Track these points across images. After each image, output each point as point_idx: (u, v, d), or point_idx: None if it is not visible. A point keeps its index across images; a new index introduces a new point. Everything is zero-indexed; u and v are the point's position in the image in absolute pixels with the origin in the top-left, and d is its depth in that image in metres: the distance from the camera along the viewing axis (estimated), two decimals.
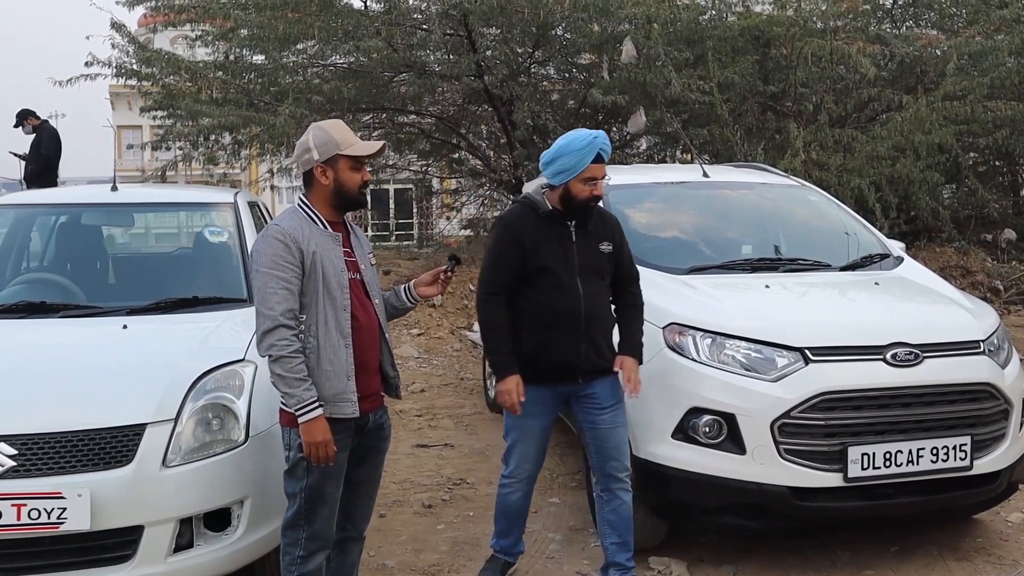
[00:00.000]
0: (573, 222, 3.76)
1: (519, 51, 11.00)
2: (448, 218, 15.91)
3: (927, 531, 4.40)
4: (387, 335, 3.30)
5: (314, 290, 3.04)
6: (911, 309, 4.31)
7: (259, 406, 3.53)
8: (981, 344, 3.97)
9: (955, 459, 3.79)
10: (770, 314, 4.03)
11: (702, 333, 3.94)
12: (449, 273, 3.49)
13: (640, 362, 3.77)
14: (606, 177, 3.80)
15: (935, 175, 10.10)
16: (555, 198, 3.74)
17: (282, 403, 3.07)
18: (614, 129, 12.79)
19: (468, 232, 14.39)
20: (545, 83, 12.00)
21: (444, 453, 5.95)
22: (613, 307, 3.87)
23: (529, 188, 4.43)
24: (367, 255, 3.31)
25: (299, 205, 3.21)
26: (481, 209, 14.03)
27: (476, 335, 9.15)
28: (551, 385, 3.78)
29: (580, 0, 9.06)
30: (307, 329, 3.04)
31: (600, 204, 3.87)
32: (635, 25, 9.56)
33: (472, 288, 10.60)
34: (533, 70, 11.74)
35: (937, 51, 11.56)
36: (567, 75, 12.23)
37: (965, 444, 3.80)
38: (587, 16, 9.78)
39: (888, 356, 3.77)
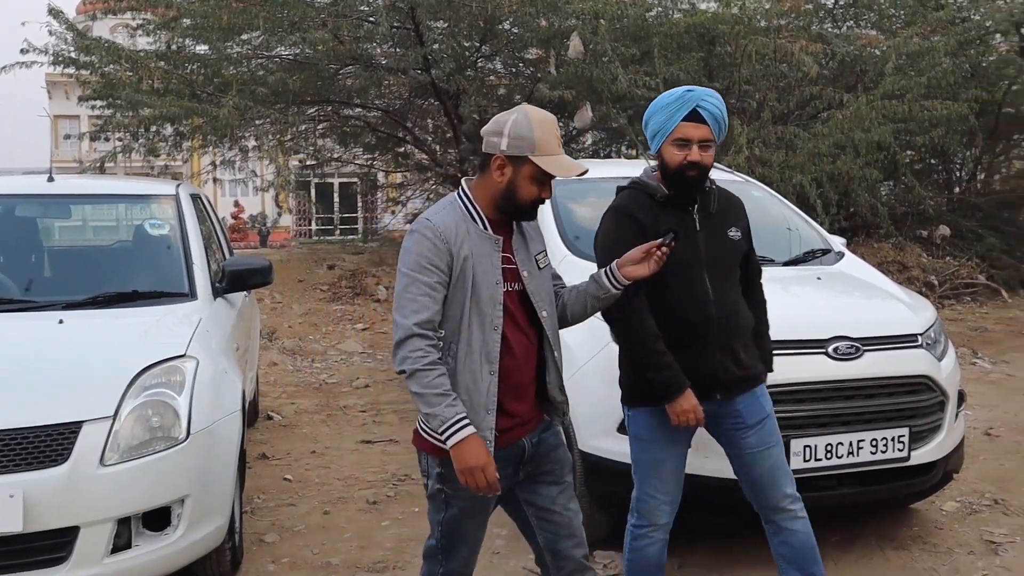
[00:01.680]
0: (696, 206, 3.13)
1: (466, 45, 10.99)
2: (393, 212, 15.83)
3: (865, 521, 4.48)
4: (556, 352, 2.79)
5: (460, 302, 2.57)
6: (852, 303, 4.38)
7: (201, 402, 3.47)
8: (919, 338, 4.05)
9: (894, 450, 3.86)
10: None
11: None
12: (666, 248, 2.80)
13: (770, 370, 3.30)
14: (704, 141, 2.99)
15: (874, 172, 10.32)
16: (660, 176, 3.12)
17: (420, 425, 2.64)
18: (560, 124, 12.83)
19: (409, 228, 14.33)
20: (492, 77, 11.99)
21: (389, 449, 5.91)
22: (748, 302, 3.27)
23: (635, 171, 3.40)
24: (534, 256, 2.75)
25: (459, 195, 2.70)
26: (427, 203, 13.97)
27: None
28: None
29: None
30: (446, 347, 2.58)
31: (716, 185, 3.22)
32: (582, 21, 9.61)
33: None
34: (480, 64, 11.72)
35: (876, 51, 11.81)
36: (514, 70, 12.25)
37: (903, 435, 3.87)
38: (535, 11, 9.80)
39: (830, 349, 3.82)
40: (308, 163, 14.05)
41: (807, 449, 3.73)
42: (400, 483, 5.22)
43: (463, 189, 2.70)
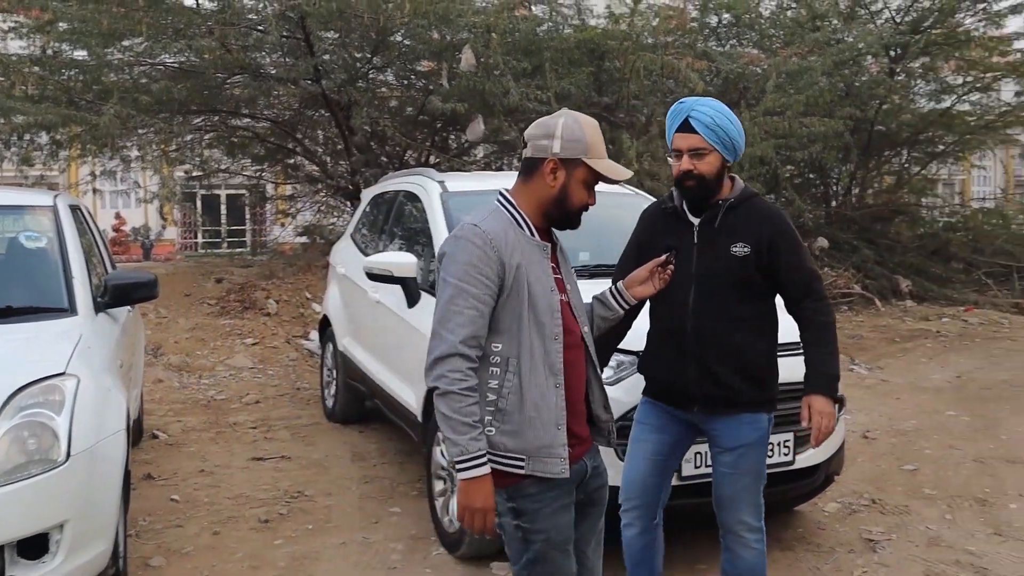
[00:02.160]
0: (698, 220, 3.15)
1: (358, 56, 10.88)
2: (283, 225, 15.53)
3: None
4: (598, 368, 2.71)
5: (517, 313, 2.44)
6: None
7: (82, 422, 3.33)
8: (799, 345, 4.18)
9: (780, 454, 3.99)
10: None
11: None
12: (670, 266, 2.96)
13: (835, 400, 3.17)
14: (695, 150, 3.04)
15: (758, 186, 10.66)
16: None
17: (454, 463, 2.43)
18: (452, 137, 12.87)
19: (304, 239, 14.08)
20: (384, 89, 11.92)
21: (281, 465, 5.79)
22: (798, 327, 3.24)
23: None
24: (572, 271, 2.74)
25: (502, 203, 2.57)
26: (318, 216, 13.77)
27: (312, 344, 8.98)
28: (664, 404, 3.28)
29: (420, 7, 9.04)
30: (504, 363, 2.44)
31: (758, 197, 3.25)
32: (475, 34, 9.65)
33: (308, 296, 10.41)
34: (372, 76, 11.64)
35: (758, 69, 12.22)
36: (406, 82, 12.20)
37: (788, 440, 4.01)
38: (427, 23, 9.79)
39: None
40: (194, 174, 13.65)
41: (697, 456, 3.83)
42: (293, 500, 5.12)
43: (506, 196, 2.58)
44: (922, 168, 16.90)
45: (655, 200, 3.44)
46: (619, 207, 5.64)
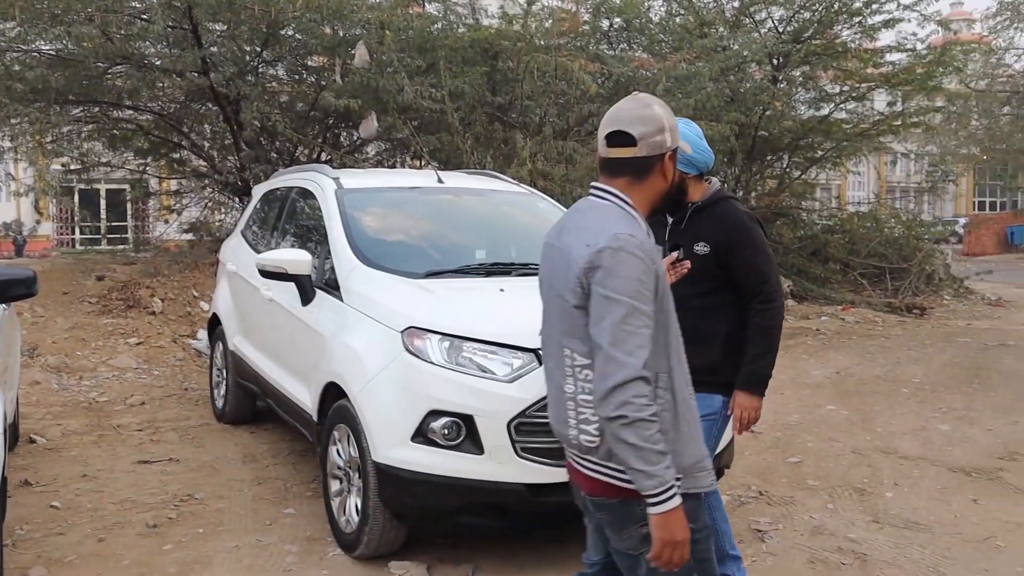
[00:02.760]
0: (671, 220, 3.42)
1: (247, 49, 10.63)
2: (167, 221, 15.04)
3: None
4: None
5: (664, 324, 2.32)
6: None
7: None
8: None
9: None
10: (506, 317, 4.14)
11: (440, 336, 3.98)
12: (683, 261, 3.22)
13: (758, 395, 3.41)
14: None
15: None
16: None
17: (616, 475, 2.28)
18: (344, 134, 12.72)
19: (190, 236, 13.66)
20: (274, 83, 11.68)
21: (169, 468, 5.61)
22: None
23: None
24: None
25: (623, 205, 2.36)
26: (204, 212, 13.38)
27: (200, 343, 8.74)
28: None
29: (313, 1, 8.89)
30: (655, 378, 2.27)
31: (728, 201, 3.46)
32: (368, 30, 9.55)
33: (195, 294, 10.13)
34: (262, 70, 11.39)
35: (648, 73, 12.47)
36: (297, 77, 11.99)
37: None
38: (319, 18, 9.64)
39: None
40: (72, 167, 13.08)
41: None
42: (183, 503, 4.96)
43: (621, 199, 2.36)
44: (802, 173, 17.56)
45: None
46: (512, 205, 5.71)
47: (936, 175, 26.53)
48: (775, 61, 15.29)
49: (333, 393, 4.43)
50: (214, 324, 6.86)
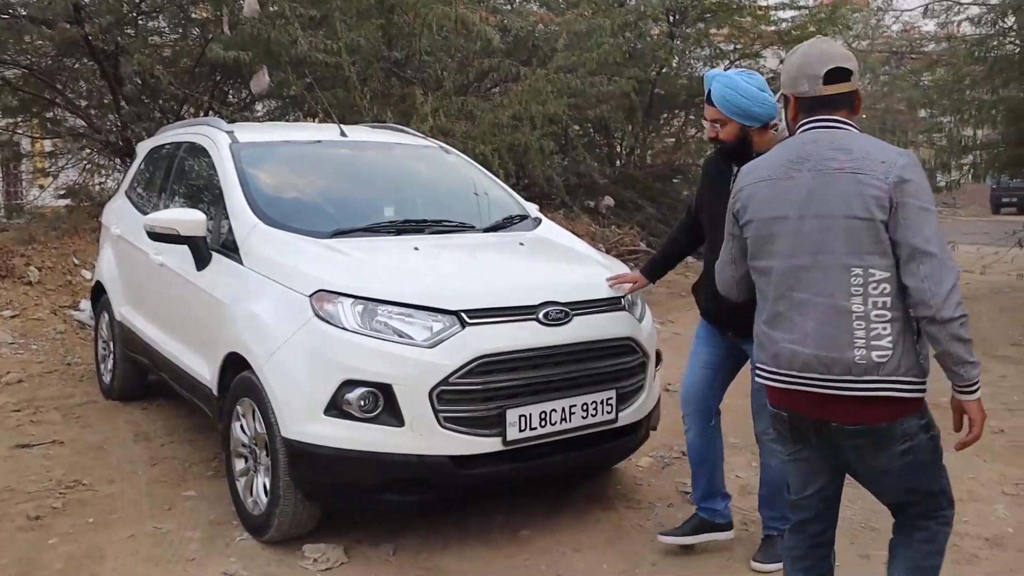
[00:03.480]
0: (736, 167, 3.39)
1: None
2: (42, 186, 14.04)
3: (569, 485, 4.53)
4: None
5: None
6: (556, 269, 4.35)
7: None
8: (621, 300, 4.11)
9: (603, 413, 3.89)
10: (423, 277, 3.85)
11: (353, 300, 3.66)
12: None
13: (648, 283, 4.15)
14: (715, 120, 3.54)
15: (550, 144, 10.67)
16: None
17: (902, 386, 2.43)
18: (231, 91, 12.07)
19: (67, 202, 12.76)
20: (156, 36, 10.93)
21: (52, 452, 5.15)
22: None
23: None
24: None
25: (856, 131, 2.60)
26: (83, 175, 12.50)
27: (83, 314, 8.16)
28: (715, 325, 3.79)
29: None
30: None
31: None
32: None
33: (76, 262, 9.46)
34: (141, 21, 10.64)
35: (548, 28, 12.20)
36: (180, 30, 11.25)
37: (611, 398, 3.92)
38: None
39: (540, 316, 3.76)
40: None
41: (522, 419, 3.66)
42: (69, 491, 4.53)
43: (854, 125, 2.60)
44: (698, 131, 17.65)
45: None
46: (419, 159, 5.41)
47: None
48: (672, 18, 15.23)
49: (235, 364, 4.08)
50: (98, 293, 6.34)
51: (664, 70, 15.35)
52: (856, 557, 3.86)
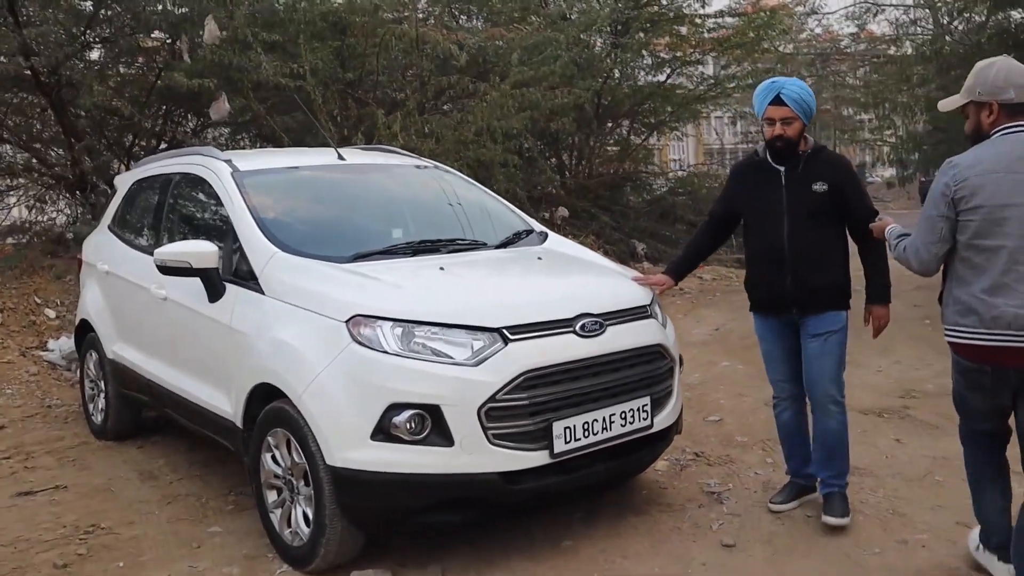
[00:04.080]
0: (783, 168, 4.11)
1: (74, 31, 9.65)
2: None
3: (598, 497, 4.55)
4: None
5: None
6: (583, 281, 4.38)
7: None
8: (648, 308, 4.17)
9: (639, 420, 3.93)
10: (456, 296, 3.85)
11: (392, 323, 3.64)
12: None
13: (886, 303, 4.18)
14: (785, 119, 4.05)
15: (514, 158, 10.72)
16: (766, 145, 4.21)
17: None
18: (189, 117, 11.88)
19: (11, 240, 12.35)
20: (109, 65, 10.70)
21: (57, 497, 4.99)
22: (859, 249, 4.17)
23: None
24: None
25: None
26: (32, 213, 12.13)
27: (53, 355, 7.95)
28: (774, 316, 4.24)
29: None
30: None
31: (827, 149, 4.27)
32: (216, 3, 8.84)
33: (37, 300, 9.20)
34: (94, 55, 10.41)
35: (500, 44, 12.27)
36: (128, 59, 11.03)
37: (646, 404, 3.96)
38: None
39: (577, 328, 3.79)
40: None
41: (567, 431, 3.68)
42: (89, 535, 4.40)
43: None
44: (645, 139, 17.91)
45: (744, 157, 4.59)
46: (419, 179, 5.44)
47: (752, 136, 27.66)
48: (617, 28, 15.44)
49: (260, 395, 4.03)
50: (83, 331, 6.18)
51: (608, 81, 15.55)
52: (894, 544, 3.95)
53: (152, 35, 10.12)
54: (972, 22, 9.95)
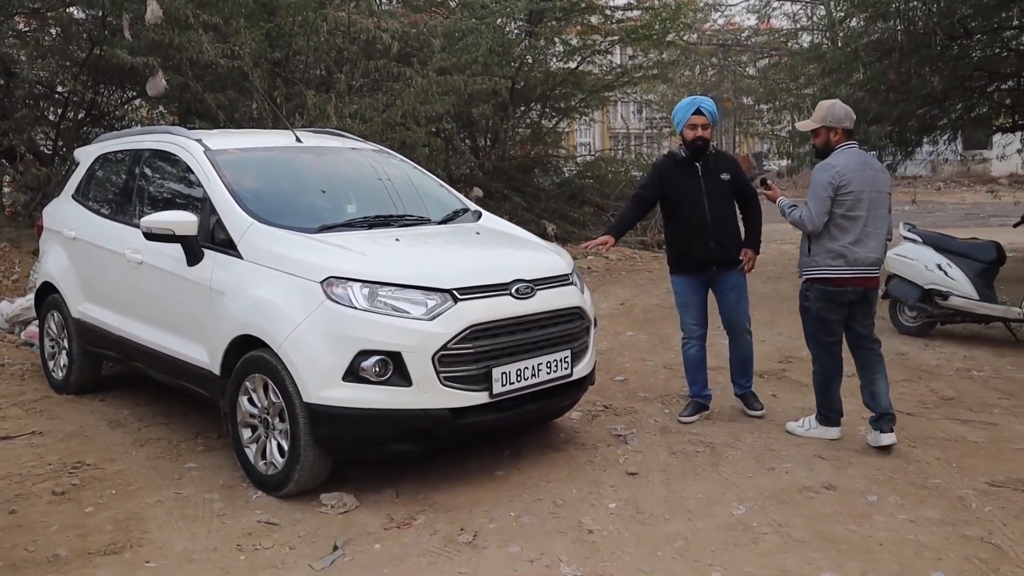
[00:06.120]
0: (700, 163, 5.58)
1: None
2: None
3: (520, 436, 5.35)
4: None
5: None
6: (516, 252, 5.16)
7: None
8: (570, 276, 4.97)
9: (562, 369, 4.74)
10: (415, 262, 4.58)
11: (360, 283, 4.34)
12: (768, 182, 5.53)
13: (757, 252, 5.78)
14: (703, 126, 5.56)
15: (438, 141, 11.38)
16: (683, 147, 5.64)
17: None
18: (115, 90, 12.15)
19: None
20: (39, 36, 10.92)
21: (36, 441, 5.51)
22: (741, 218, 5.74)
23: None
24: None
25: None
26: None
27: None
28: (696, 274, 5.65)
29: None
30: None
31: (722, 151, 5.94)
32: None
33: None
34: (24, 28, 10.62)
35: (423, 30, 12.87)
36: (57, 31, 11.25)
37: (567, 356, 4.77)
38: None
39: (513, 291, 4.57)
40: None
41: (504, 375, 4.46)
42: (77, 470, 4.97)
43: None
44: (556, 124, 18.74)
45: (665, 155, 6.08)
46: (373, 162, 6.07)
47: (656, 122, 28.87)
48: (530, 16, 16.17)
49: (237, 346, 4.68)
50: (45, 293, 6.65)
51: (522, 67, 16.28)
52: (764, 471, 4.85)
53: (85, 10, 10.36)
54: (852, 31, 11.03)
